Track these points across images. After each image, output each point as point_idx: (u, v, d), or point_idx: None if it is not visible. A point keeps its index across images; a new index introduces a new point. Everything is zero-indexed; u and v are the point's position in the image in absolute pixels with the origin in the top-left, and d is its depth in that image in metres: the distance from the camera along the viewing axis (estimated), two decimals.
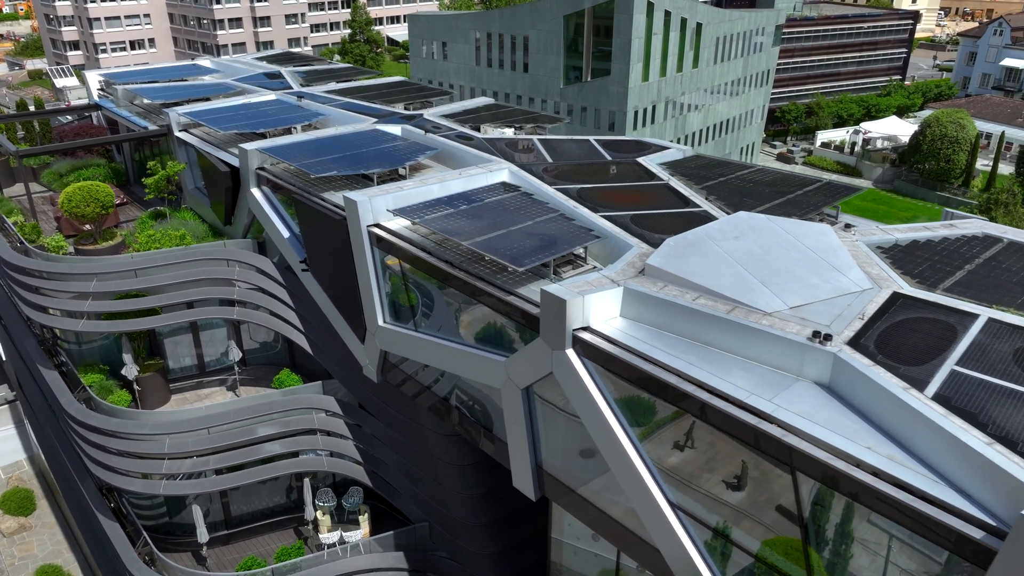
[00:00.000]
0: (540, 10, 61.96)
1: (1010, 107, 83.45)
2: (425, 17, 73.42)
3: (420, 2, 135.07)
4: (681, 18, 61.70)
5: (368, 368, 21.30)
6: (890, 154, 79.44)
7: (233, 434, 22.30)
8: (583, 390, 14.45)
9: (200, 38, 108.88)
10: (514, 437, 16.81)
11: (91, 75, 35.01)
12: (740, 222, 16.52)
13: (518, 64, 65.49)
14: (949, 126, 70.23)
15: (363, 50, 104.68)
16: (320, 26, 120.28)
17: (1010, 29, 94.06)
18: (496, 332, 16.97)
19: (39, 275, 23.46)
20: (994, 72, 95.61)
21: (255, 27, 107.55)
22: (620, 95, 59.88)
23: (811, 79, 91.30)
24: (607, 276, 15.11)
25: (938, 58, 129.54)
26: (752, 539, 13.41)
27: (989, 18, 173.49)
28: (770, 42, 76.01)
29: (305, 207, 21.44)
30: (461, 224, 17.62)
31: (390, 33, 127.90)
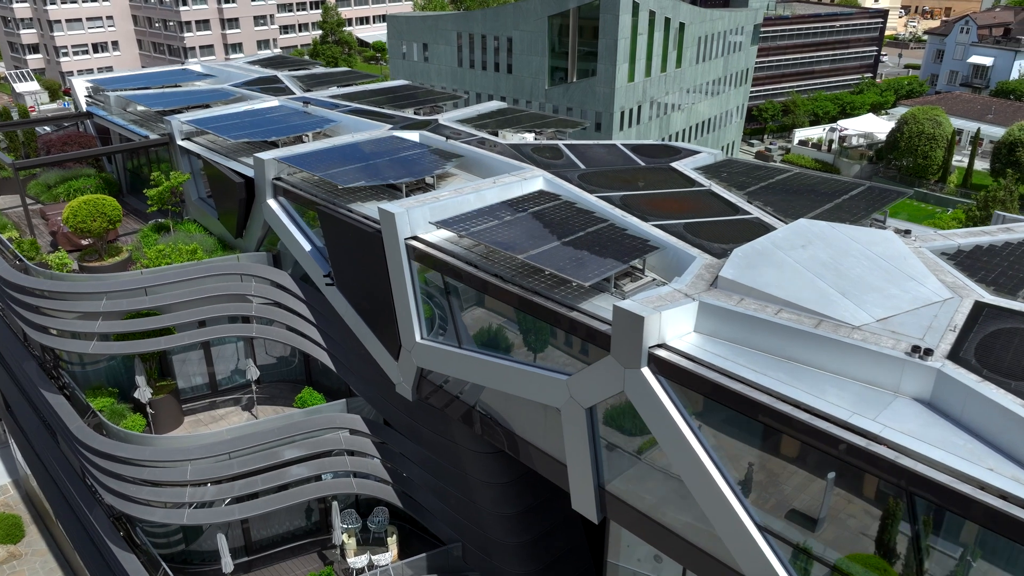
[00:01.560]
0: (524, 11, 61.35)
1: (980, 103, 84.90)
2: (405, 18, 72.37)
3: (389, 3, 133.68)
4: (665, 18, 61.59)
5: (402, 386, 20.46)
6: (867, 151, 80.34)
7: (257, 457, 21.28)
8: (660, 410, 13.85)
9: (166, 40, 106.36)
10: (575, 458, 16.15)
11: (78, 82, 33.49)
12: (804, 230, 16.05)
13: (502, 65, 64.80)
14: (926, 123, 71.17)
15: (335, 52, 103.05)
16: (289, 27, 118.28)
17: (976, 27, 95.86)
18: (554, 349, 16.28)
19: (43, 295, 22.18)
20: (962, 69, 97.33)
21: (223, 29, 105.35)
22: (607, 96, 59.53)
23: (786, 78, 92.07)
24: (679, 290, 14.52)
25: (903, 56, 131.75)
26: (837, 556, 12.96)
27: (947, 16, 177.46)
28: (748, 41, 76.39)
29: (332, 219, 20.53)
30: (510, 236, 16.91)
31: (360, 34, 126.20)
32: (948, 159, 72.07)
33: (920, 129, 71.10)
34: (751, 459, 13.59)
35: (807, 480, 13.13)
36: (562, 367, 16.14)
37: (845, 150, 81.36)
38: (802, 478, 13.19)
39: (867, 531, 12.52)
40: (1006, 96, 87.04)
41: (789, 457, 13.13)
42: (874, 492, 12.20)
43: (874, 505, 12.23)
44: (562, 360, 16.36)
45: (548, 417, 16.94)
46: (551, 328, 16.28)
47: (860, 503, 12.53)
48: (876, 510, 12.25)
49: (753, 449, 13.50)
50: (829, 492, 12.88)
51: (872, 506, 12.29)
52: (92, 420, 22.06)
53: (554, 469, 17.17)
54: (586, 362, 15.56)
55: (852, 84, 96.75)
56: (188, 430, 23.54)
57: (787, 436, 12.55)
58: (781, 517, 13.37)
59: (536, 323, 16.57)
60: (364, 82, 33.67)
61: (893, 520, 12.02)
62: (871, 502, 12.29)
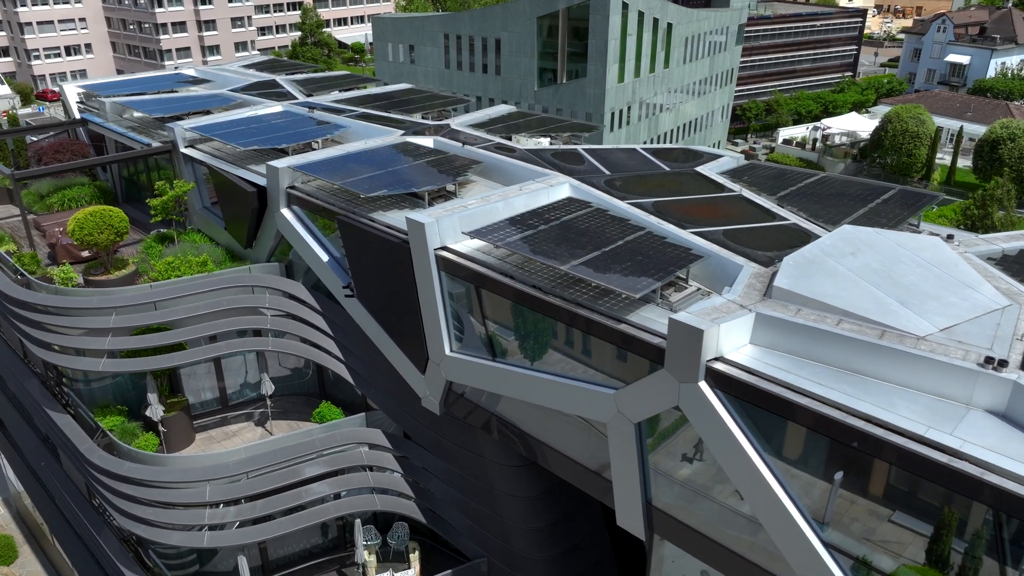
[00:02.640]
0: (513, 12, 60.90)
1: (959, 101, 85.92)
2: (390, 19, 71.62)
3: (367, 4, 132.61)
4: (653, 18, 61.49)
5: (429, 400, 19.92)
6: (850, 150, 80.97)
7: (277, 476, 20.62)
8: (718, 424, 13.47)
9: (141, 43, 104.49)
10: (622, 474, 15.74)
11: (69, 88, 32.45)
12: (850, 237, 15.78)
13: (490, 67, 64.29)
14: (910, 121, 71.81)
15: (315, 54, 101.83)
16: (266, 29, 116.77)
17: (952, 26, 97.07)
18: (593, 362, 15.84)
19: (49, 311, 21.31)
20: (939, 68, 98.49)
21: (200, 31, 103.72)
22: (597, 97, 59.28)
23: (768, 77, 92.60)
24: (733, 301, 14.16)
25: (879, 54, 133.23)
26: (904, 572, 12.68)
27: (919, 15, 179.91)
28: (733, 41, 76.60)
29: (354, 229, 19.93)
30: (549, 246, 16.45)
31: (338, 36, 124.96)
32: (932, 157, 72.81)
33: (904, 127, 71.72)
34: (814, 473, 13.26)
35: (872, 494, 12.83)
36: (604, 380, 15.72)
37: (829, 148, 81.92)
38: (867, 492, 12.89)
39: (937, 546, 12.24)
40: (983, 94, 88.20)
41: (855, 471, 12.81)
42: (940, 505, 11.93)
43: (938, 518, 11.96)
44: (602, 373, 15.93)
45: (590, 431, 16.52)
46: (592, 340, 15.84)
47: (926, 516, 12.26)
48: (945, 523, 11.98)
49: (816, 464, 13.18)
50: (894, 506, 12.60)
51: (937, 518, 12.02)
52: (102, 440, 21.25)
53: (598, 485, 16.74)
54: (628, 375, 15.17)
55: (833, 83, 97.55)
56: (200, 447, 22.80)
57: (855, 451, 12.22)
58: (846, 532, 13.05)
59: (576, 335, 16.14)
60: (365, 86, 33.01)
61: (968, 536, 11.77)
62: (936, 516, 12.02)
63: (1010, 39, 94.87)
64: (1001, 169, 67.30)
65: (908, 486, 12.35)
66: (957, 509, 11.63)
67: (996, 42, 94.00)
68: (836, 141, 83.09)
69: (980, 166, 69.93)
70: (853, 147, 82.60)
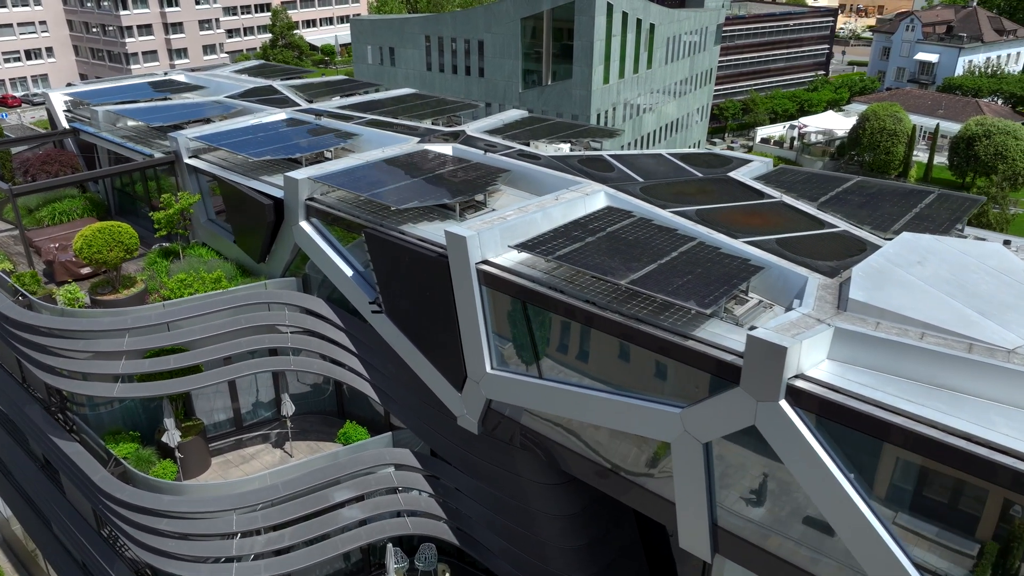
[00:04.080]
0: (496, 13, 60.20)
1: (930, 99, 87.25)
2: (369, 20, 70.47)
3: (336, 5, 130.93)
4: (637, 19, 61.26)
5: (466, 419, 19.18)
6: (828, 148, 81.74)
7: (306, 502, 19.71)
8: (800, 445, 12.98)
9: (106, 46, 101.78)
10: (687, 495, 15.18)
11: (55, 95, 31.00)
12: (912, 245, 15.43)
13: (473, 69, 63.52)
14: (887, 119, 72.63)
15: (286, 56, 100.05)
16: (234, 32, 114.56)
17: (921, 25, 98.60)
18: (657, 379, 15.25)
19: (55, 333, 20.14)
20: (908, 66, 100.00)
21: (167, 34, 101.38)
22: (583, 98, 58.84)
23: (743, 76, 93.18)
24: (808, 315, 13.68)
25: (846, 52, 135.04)
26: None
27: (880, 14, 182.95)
28: (712, 41, 76.82)
29: (384, 243, 19.11)
30: (601, 258, 15.83)
31: (308, 38, 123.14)
32: (909, 154, 73.73)
33: (882, 125, 72.53)
34: (902, 493, 12.82)
35: (964, 515, 12.44)
36: (663, 398, 15.14)
37: (807, 147, 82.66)
38: (959, 512, 12.49)
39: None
40: (952, 91, 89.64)
41: (947, 491, 12.40)
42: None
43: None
44: (661, 390, 15.35)
45: (650, 450, 15.95)
46: (649, 356, 15.25)
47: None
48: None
49: (905, 484, 12.74)
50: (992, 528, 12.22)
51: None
52: (116, 469, 20.14)
53: (656, 506, 16.16)
54: (691, 393, 14.63)
55: (806, 82, 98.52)
56: (218, 472, 21.78)
57: (950, 471, 11.81)
58: (939, 554, 12.63)
59: (632, 351, 15.52)
60: (368, 91, 32.07)
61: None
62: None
63: (976, 38, 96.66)
64: (976, 165, 68.43)
65: (1001, 505, 11.96)
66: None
67: (963, 40, 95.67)
68: (813, 139, 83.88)
69: (956, 163, 70.95)
70: (829, 145, 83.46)
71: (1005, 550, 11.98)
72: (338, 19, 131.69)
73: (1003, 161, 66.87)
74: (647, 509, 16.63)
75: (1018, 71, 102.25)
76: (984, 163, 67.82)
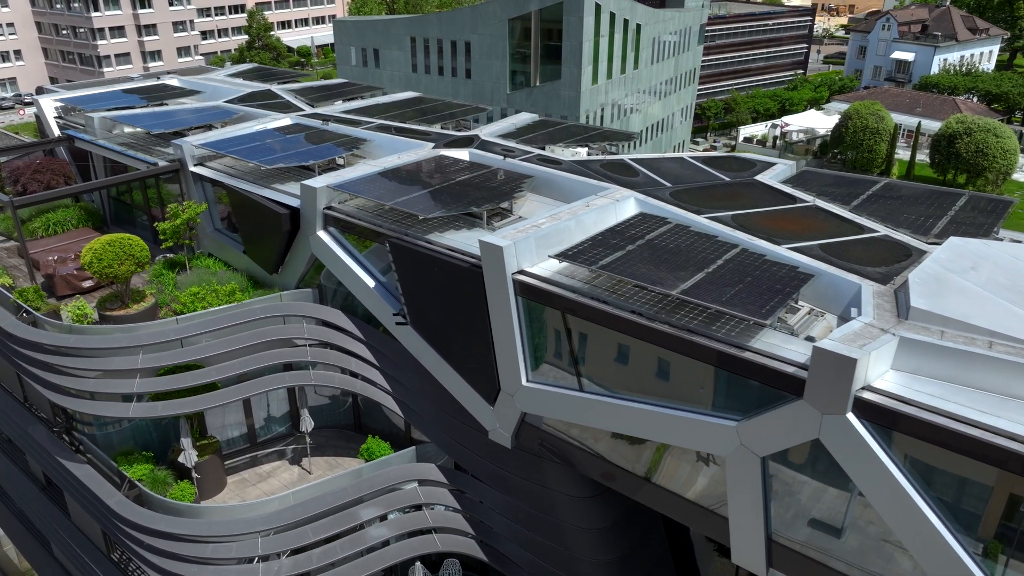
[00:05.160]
0: (483, 14, 59.68)
1: (908, 97, 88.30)
2: (353, 22, 69.55)
3: (311, 6, 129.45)
4: (624, 19, 61.10)
5: (498, 432, 18.65)
6: (811, 146, 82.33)
7: (332, 522, 19.04)
8: (868, 458, 12.65)
9: (77, 49, 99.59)
10: (742, 509, 14.80)
11: (45, 101, 29.90)
12: (962, 250, 15.21)
13: (459, 70, 62.94)
14: (869, 118, 73.27)
15: (263, 58, 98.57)
16: (208, 33, 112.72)
17: (897, 24, 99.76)
18: (706, 391, 14.85)
19: (63, 352, 19.26)
20: (885, 64, 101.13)
21: (140, 36, 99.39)
22: (572, 99, 58.54)
23: (724, 76, 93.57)
24: (870, 324, 13.36)
25: (820, 51, 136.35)
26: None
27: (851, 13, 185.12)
28: (695, 41, 76.98)
29: (409, 253, 18.51)
30: (645, 267, 15.41)
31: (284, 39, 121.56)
32: (891, 152, 74.45)
33: (864, 124, 73.16)
34: (976, 506, 12.55)
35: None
36: (714, 410, 14.75)
37: (789, 145, 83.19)
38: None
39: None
40: (929, 89, 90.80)
41: None
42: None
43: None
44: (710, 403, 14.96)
45: (698, 464, 15.56)
46: (697, 368, 14.85)
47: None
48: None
49: (980, 497, 12.46)
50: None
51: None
52: (131, 492, 19.31)
53: (707, 521, 15.77)
54: (744, 405, 14.27)
55: (785, 81, 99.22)
56: (234, 492, 21.04)
57: None
58: (1018, 570, 12.37)
59: (679, 362, 15.10)
60: (371, 94, 31.39)
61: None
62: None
63: (951, 36, 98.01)
64: (957, 163, 69.28)
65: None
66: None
67: (939, 39, 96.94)
68: (794, 138, 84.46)
69: (937, 160, 71.79)
70: (811, 143, 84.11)
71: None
72: (313, 20, 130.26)
73: (984, 158, 67.79)
74: (696, 524, 16.24)
75: (991, 69, 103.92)
76: (965, 160, 68.69)
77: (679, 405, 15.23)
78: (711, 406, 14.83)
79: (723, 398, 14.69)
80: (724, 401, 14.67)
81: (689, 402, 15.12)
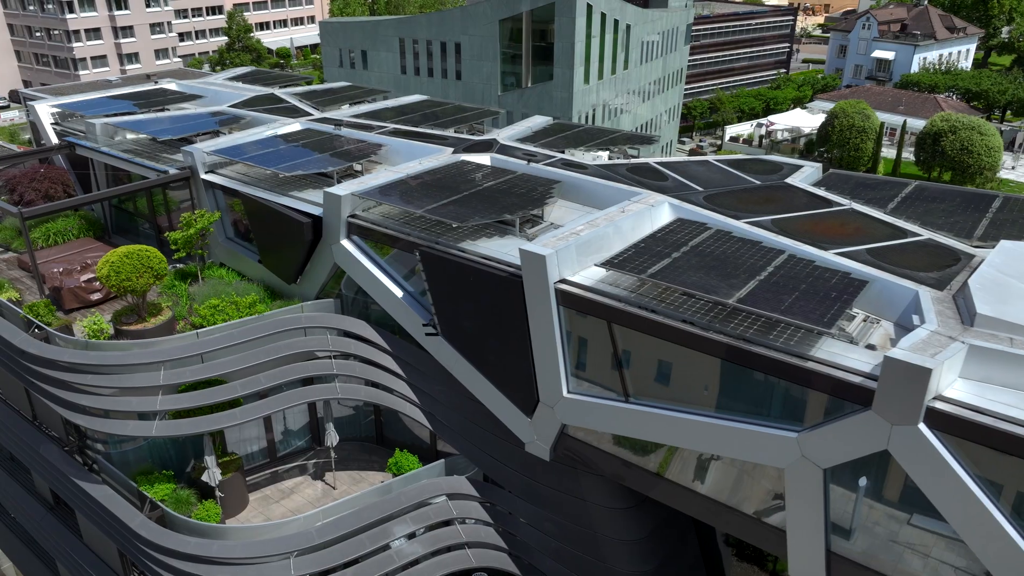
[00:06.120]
0: (473, 15, 59.14)
1: (890, 95, 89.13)
2: (339, 23, 68.66)
3: (290, 7, 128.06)
4: (614, 20, 60.89)
5: (536, 445, 18.22)
6: (797, 145, 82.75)
7: (364, 540, 18.48)
8: (941, 470, 12.40)
9: (51, 51, 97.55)
10: (801, 523, 14.51)
11: (41, 107, 28.94)
12: (1016, 254, 15.08)
13: (450, 72, 62.34)
14: (855, 116, 73.75)
15: (244, 60, 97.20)
16: (186, 35, 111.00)
17: (877, 23, 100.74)
18: (769, 402, 14.54)
19: (81, 369, 18.51)
20: (866, 63, 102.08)
21: (116, 38, 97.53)
22: (565, 100, 58.18)
23: (709, 76, 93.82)
24: (939, 332, 13.11)
25: (799, 50, 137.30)
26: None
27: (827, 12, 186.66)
28: (682, 41, 77.03)
29: (442, 262, 18.02)
30: (696, 275, 15.07)
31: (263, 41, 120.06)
32: (877, 150, 75.02)
33: (851, 122, 73.61)
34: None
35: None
36: (775, 421, 14.45)
37: (776, 144, 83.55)
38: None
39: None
40: (909, 88, 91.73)
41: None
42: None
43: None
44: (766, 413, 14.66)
45: (752, 475, 15.24)
46: (751, 377, 14.55)
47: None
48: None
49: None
50: None
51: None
52: (153, 513, 18.63)
53: (761, 533, 15.46)
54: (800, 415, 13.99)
55: (768, 80, 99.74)
56: (257, 510, 20.42)
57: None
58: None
59: (732, 372, 14.78)
60: (377, 98, 30.80)
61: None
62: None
63: (930, 35, 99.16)
64: (942, 161, 69.96)
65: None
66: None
67: (918, 38, 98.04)
68: (780, 137, 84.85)
69: (923, 158, 72.45)
70: (794, 142, 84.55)
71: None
72: (292, 21, 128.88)
73: (969, 156, 68.51)
74: (749, 536, 15.93)
75: (968, 67, 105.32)
76: (950, 158, 69.36)
77: (734, 416, 14.90)
78: (768, 417, 14.52)
79: (780, 408, 14.39)
80: (781, 411, 14.36)
81: (744, 413, 14.80)
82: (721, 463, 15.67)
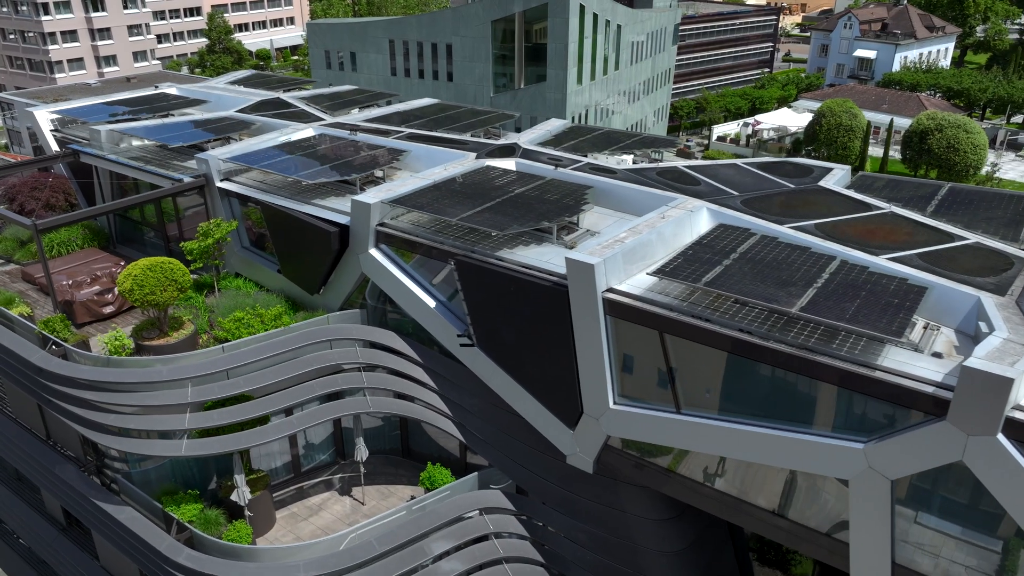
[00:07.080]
0: (464, 16, 58.68)
1: (873, 94, 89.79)
2: (327, 24, 67.80)
3: (269, 8, 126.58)
4: (606, 20, 60.73)
5: (578, 457, 17.80)
6: (784, 144, 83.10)
7: (404, 558, 17.96)
8: (1020, 480, 12.17)
9: (26, 54, 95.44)
10: (866, 534, 14.23)
11: (40, 114, 27.99)
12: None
13: (441, 73, 61.81)
14: (843, 115, 74.16)
15: (225, 62, 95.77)
16: (164, 37, 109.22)
17: (858, 23, 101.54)
18: (832, 413, 14.23)
19: (102, 387, 17.78)
20: (847, 62, 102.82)
21: (94, 40, 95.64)
22: (558, 101, 57.91)
23: (694, 75, 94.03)
24: (1012, 340, 12.88)
25: (780, 49, 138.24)
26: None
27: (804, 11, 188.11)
28: (670, 41, 77.10)
29: (480, 271, 17.54)
30: (753, 284, 14.73)
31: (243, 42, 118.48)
32: (864, 149, 75.52)
33: (838, 121, 73.99)
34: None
35: None
36: (840, 432, 14.15)
37: (762, 143, 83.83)
38: None
39: None
40: (891, 86, 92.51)
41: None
42: None
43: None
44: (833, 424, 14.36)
45: (811, 486, 14.95)
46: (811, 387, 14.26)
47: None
48: None
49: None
50: None
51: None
52: (181, 535, 17.94)
53: (822, 545, 15.17)
54: (864, 425, 13.72)
55: (753, 79, 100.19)
56: (285, 528, 19.82)
57: None
58: None
59: (794, 381, 14.48)
60: (383, 101, 30.20)
61: None
62: None
63: (910, 35, 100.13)
64: (929, 159, 70.55)
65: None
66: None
67: (899, 37, 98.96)
68: (766, 136, 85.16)
69: (909, 156, 73.01)
70: (780, 140, 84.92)
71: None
72: (271, 23, 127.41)
73: (955, 153, 69.14)
74: (808, 549, 15.64)
75: (947, 66, 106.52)
76: (937, 156, 69.97)
77: (794, 427, 14.59)
78: (831, 427, 14.22)
79: (844, 418, 14.09)
80: (845, 421, 14.07)
81: (805, 423, 14.49)
82: (776, 473, 15.34)
